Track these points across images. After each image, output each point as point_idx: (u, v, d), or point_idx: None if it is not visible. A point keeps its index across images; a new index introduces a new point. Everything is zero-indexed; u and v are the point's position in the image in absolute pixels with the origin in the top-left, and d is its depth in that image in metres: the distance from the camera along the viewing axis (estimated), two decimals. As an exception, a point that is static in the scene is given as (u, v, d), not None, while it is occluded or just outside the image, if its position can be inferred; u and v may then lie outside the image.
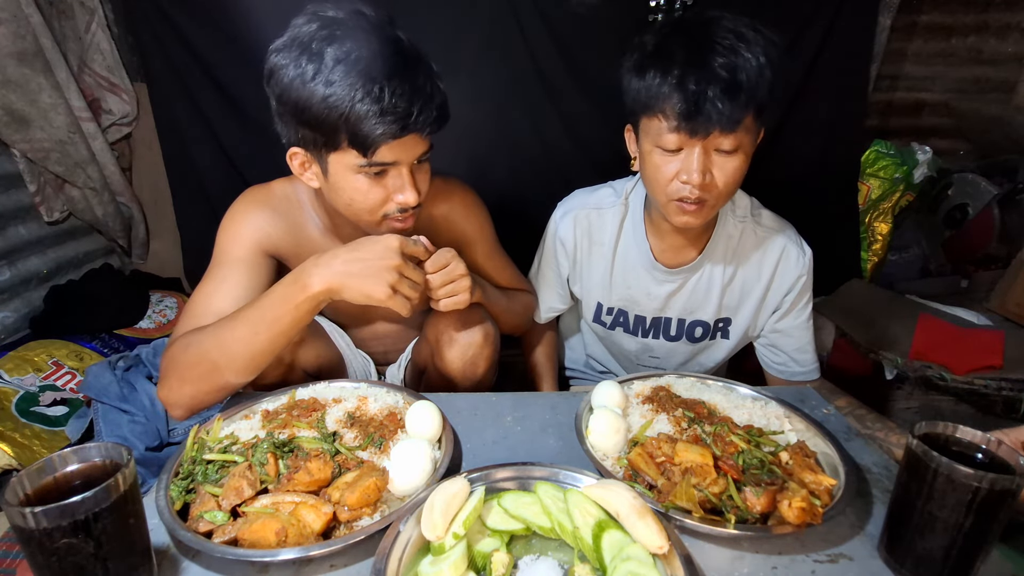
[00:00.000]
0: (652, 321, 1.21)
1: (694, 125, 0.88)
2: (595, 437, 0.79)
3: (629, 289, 1.18)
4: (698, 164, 0.91)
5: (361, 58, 0.79)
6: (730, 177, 0.94)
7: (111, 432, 1.47)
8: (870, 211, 2.20)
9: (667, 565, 0.58)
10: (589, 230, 1.18)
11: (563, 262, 1.24)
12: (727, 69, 0.86)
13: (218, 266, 0.97)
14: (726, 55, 0.86)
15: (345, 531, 0.66)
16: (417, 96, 0.81)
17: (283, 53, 0.82)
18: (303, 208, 1.04)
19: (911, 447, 0.60)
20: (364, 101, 0.79)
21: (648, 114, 0.94)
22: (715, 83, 0.85)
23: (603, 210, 1.17)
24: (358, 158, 0.84)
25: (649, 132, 0.95)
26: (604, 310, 1.23)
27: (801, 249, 1.12)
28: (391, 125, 0.81)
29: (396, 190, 0.89)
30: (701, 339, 1.20)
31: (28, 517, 0.49)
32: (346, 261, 0.83)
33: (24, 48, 1.66)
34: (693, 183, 0.92)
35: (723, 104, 0.85)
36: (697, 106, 0.86)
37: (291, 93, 0.82)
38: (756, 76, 0.86)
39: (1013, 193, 2.10)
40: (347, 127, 0.81)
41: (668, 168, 0.95)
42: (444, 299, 0.93)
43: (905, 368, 1.66)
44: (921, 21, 2.28)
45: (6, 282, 1.78)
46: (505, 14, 1.79)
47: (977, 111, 2.32)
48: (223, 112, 1.90)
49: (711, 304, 1.15)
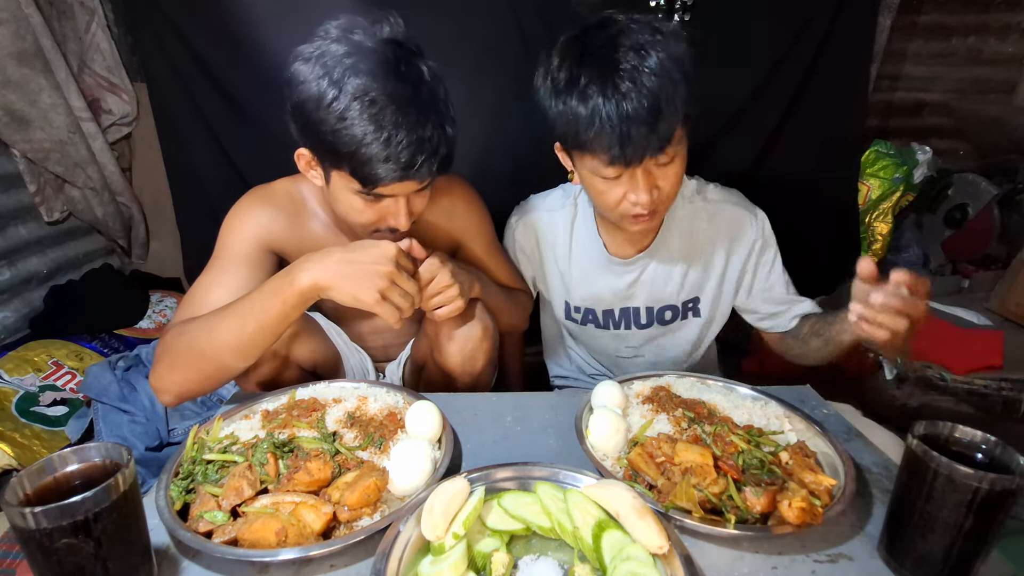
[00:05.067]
0: (621, 312, 1.22)
1: (628, 157, 0.88)
2: (595, 437, 0.79)
3: (590, 287, 1.20)
4: (643, 185, 0.93)
5: (376, 101, 0.80)
6: (673, 182, 0.96)
7: (111, 432, 1.48)
8: (870, 211, 2.20)
9: (667, 565, 0.58)
10: (543, 234, 1.22)
11: (525, 266, 1.28)
12: (642, 96, 0.84)
13: (219, 260, 0.98)
14: (635, 79, 0.85)
15: (345, 531, 0.66)
16: (422, 148, 0.83)
17: (307, 66, 0.82)
18: (306, 206, 1.05)
19: (911, 447, 0.60)
20: (371, 146, 0.81)
21: (579, 149, 0.95)
22: (635, 114, 0.85)
23: (554, 212, 1.20)
24: (358, 185, 0.86)
25: (585, 163, 0.96)
26: (572, 308, 1.26)
27: (752, 214, 1.14)
28: (392, 172, 0.83)
29: (391, 214, 0.91)
30: (672, 321, 1.22)
31: (28, 517, 0.49)
32: (339, 261, 0.84)
33: (24, 48, 1.66)
34: (642, 203, 0.94)
35: (650, 132, 0.86)
36: (623, 142, 0.86)
37: (306, 109, 0.83)
38: (669, 89, 0.86)
39: (1013, 193, 2.10)
40: (351, 162, 0.83)
41: (613, 193, 0.96)
42: (436, 309, 0.95)
43: (905, 368, 1.66)
44: (921, 21, 2.28)
45: (6, 282, 1.78)
46: (505, 14, 1.79)
47: (977, 111, 2.32)
48: (223, 112, 1.90)
49: (673, 286, 1.17)
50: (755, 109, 1.93)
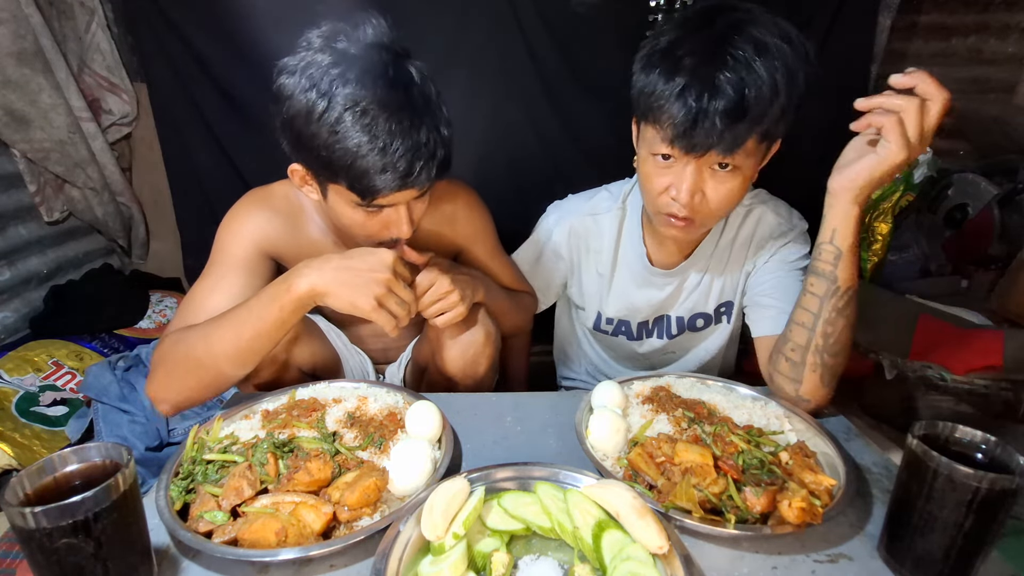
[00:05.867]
0: (654, 322, 1.20)
1: (689, 142, 0.82)
2: (595, 437, 0.79)
3: (628, 299, 1.17)
4: (689, 182, 0.87)
5: (368, 111, 0.78)
6: (723, 198, 0.89)
7: (111, 432, 1.48)
8: (870, 211, 2.20)
9: (667, 565, 0.58)
10: (586, 238, 1.16)
11: (555, 267, 1.22)
12: (734, 86, 0.78)
13: (216, 265, 0.97)
14: (737, 70, 0.78)
15: (345, 531, 0.66)
16: (419, 155, 0.81)
17: (292, 79, 0.80)
18: (305, 210, 1.04)
19: (911, 447, 0.60)
20: (367, 158, 0.78)
21: (647, 120, 0.89)
22: (717, 99, 0.78)
23: (599, 216, 1.15)
24: (356, 198, 0.85)
25: (646, 137, 0.91)
26: (604, 319, 1.23)
27: (789, 222, 1.08)
28: (391, 182, 0.81)
29: (392, 224, 0.90)
30: (704, 328, 1.19)
31: (28, 517, 0.49)
32: (337, 268, 0.84)
33: (24, 48, 1.66)
34: (681, 201, 0.88)
35: (723, 125, 0.79)
36: (695, 123, 0.80)
37: (296, 124, 0.81)
38: (767, 97, 0.79)
39: (1013, 193, 2.10)
40: (347, 175, 0.81)
41: (660, 180, 0.91)
42: (436, 317, 0.94)
43: (905, 368, 1.66)
44: (921, 21, 2.28)
45: (6, 282, 1.78)
46: (505, 14, 1.79)
47: (977, 111, 2.32)
48: (223, 112, 1.90)
49: (712, 297, 1.14)
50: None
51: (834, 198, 0.82)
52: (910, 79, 0.75)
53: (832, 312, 0.84)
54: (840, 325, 0.85)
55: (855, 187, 0.79)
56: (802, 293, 0.88)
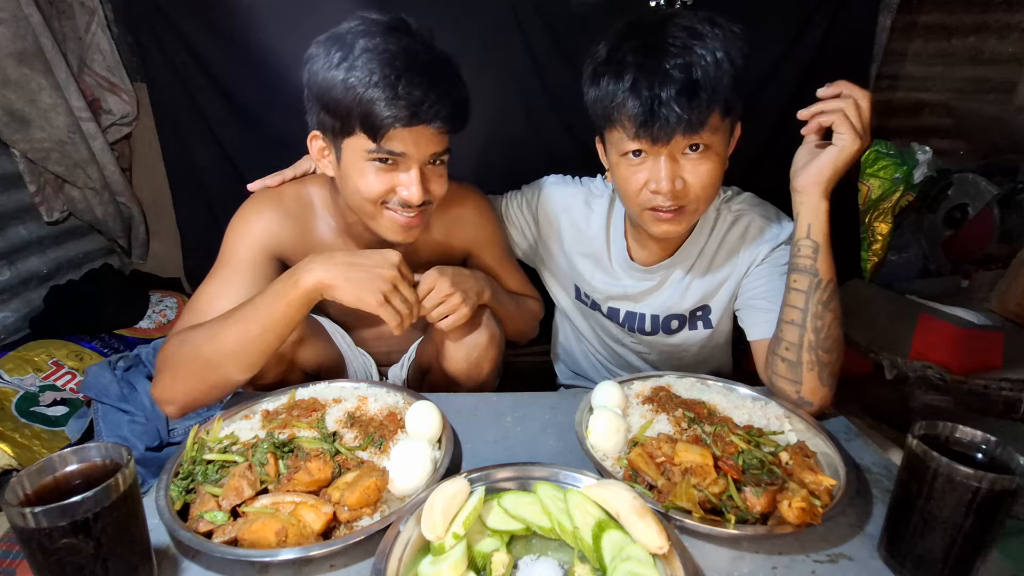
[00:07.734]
0: (626, 315, 1.20)
1: (654, 131, 0.85)
2: (595, 437, 0.79)
3: (607, 285, 1.17)
4: (665, 171, 0.89)
5: (387, 50, 0.82)
6: (704, 180, 0.90)
7: (111, 432, 1.47)
8: (870, 211, 2.21)
9: (667, 565, 0.58)
10: (574, 217, 1.18)
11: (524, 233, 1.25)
12: (681, 69, 0.82)
13: (223, 267, 0.97)
14: (680, 55, 0.83)
15: (345, 531, 0.66)
16: (432, 89, 0.83)
17: (321, 44, 0.86)
18: (314, 209, 1.04)
19: (911, 447, 0.60)
20: (378, 86, 0.81)
21: (608, 125, 0.92)
22: (669, 85, 0.82)
23: (593, 199, 1.17)
24: (368, 143, 0.85)
25: (612, 142, 0.93)
26: (582, 292, 1.24)
27: (779, 224, 1.06)
28: (401, 111, 0.82)
29: (402, 184, 0.89)
30: (678, 330, 1.18)
31: (28, 517, 0.49)
32: (344, 263, 0.85)
33: (24, 48, 1.66)
34: (663, 191, 0.90)
35: (681, 106, 0.82)
36: (653, 111, 0.83)
37: (316, 77, 0.85)
38: (714, 72, 0.83)
39: (1013, 193, 2.10)
40: (359, 109, 0.82)
41: (636, 178, 0.92)
42: (440, 320, 0.95)
43: (905, 368, 1.66)
44: (921, 21, 2.28)
45: (6, 282, 1.78)
46: (505, 14, 1.79)
47: (977, 111, 2.32)
48: (223, 112, 1.90)
49: (689, 298, 1.13)
50: (755, 109, 1.93)
51: (805, 195, 0.89)
52: (836, 87, 0.86)
53: (818, 305, 0.88)
54: (828, 319, 0.88)
55: (823, 180, 0.87)
56: (787, 291, 0.91)
